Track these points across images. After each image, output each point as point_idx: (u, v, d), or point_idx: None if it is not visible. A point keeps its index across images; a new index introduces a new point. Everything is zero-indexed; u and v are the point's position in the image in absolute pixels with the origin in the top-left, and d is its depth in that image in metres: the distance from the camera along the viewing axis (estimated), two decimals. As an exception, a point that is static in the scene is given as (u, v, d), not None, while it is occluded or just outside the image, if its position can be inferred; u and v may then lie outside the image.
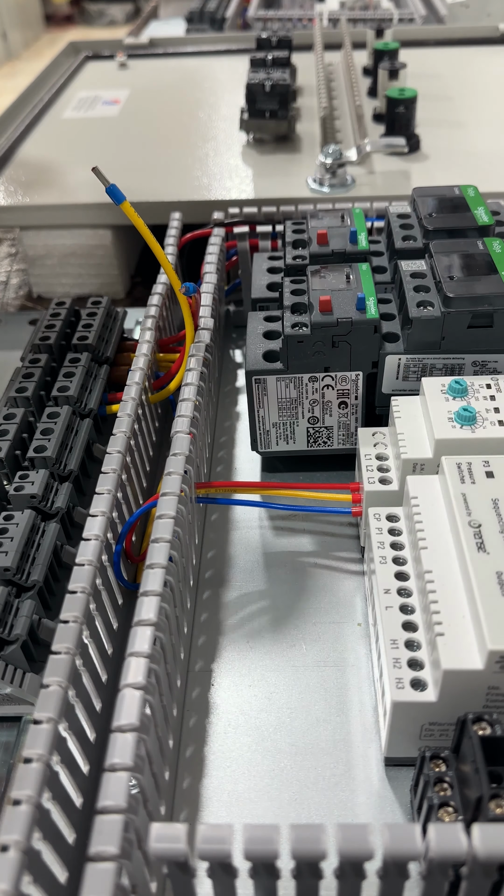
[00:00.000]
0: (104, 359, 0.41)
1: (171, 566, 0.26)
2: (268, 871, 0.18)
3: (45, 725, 0.21)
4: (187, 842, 0.18)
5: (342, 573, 0.35)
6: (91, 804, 0.24)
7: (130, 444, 0.32)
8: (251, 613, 0.33)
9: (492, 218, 0.37)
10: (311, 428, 0.37)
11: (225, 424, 0.44)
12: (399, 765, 0.28)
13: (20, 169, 0.60)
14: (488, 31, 0.83)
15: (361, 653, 0.31)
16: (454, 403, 0.32)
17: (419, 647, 0.26)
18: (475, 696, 0.24)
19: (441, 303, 0.33)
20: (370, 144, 0.57)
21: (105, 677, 0.27)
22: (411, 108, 0.58)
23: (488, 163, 0.56)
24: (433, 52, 0.80)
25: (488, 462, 0.29)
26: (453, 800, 0.22)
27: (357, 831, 0.17)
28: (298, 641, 0.32)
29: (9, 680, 0.28)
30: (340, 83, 0.73)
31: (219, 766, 0.28)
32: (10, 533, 0.31)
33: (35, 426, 0.37)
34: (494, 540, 0.26)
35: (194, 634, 0.33)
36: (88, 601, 0.25)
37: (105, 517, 0.27)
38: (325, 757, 0.28)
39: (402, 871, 0.18)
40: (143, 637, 0.23)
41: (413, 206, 0.40)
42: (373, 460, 0.33)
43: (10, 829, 0.19)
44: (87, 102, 0.71)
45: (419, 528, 0.28)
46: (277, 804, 0.27)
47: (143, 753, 0.21)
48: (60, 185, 0.57)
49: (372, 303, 0.34)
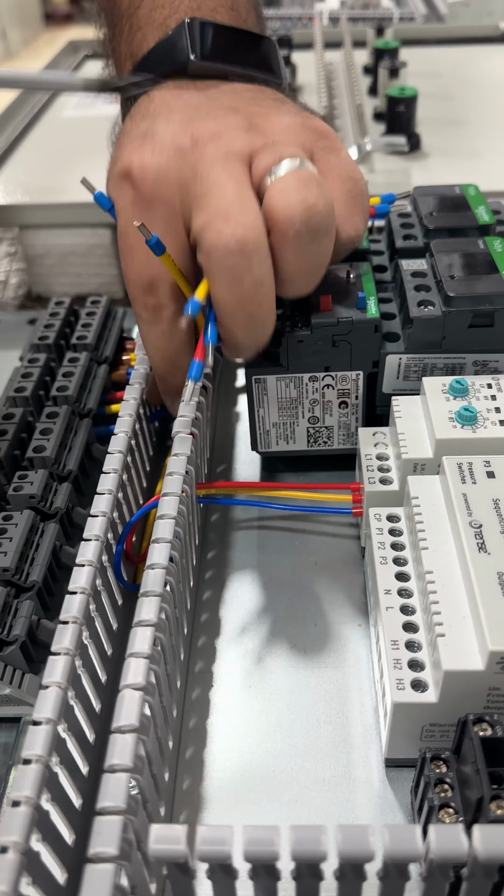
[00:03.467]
0: (103, 358, 0.41)
1: (171, 567, 0.26)
2: (268, 872, 0.18)
3: (44, 726, 0.21)
4: (187, 843, 0.18)
5: (342, 574, 0.35)
6: (90, 805, 0.23)
7: (131, 444, 0.32)
8: (251, 614, 0.33)
9: (493, 217, 0.37)
10: (311, 428, 0.37)
11: (225, 424, 0.44)
12: (399, 766, 0.27)
13: (20, 168, 0.60)
14: (489, 30, 0.83)
15: (362, 653, 0.31)
16: (455, 403, 0.32)
17: (420, 647, 0.26)
18: (476, 697, 0.24)
19: (442, 302, 0.33)
20: (370, 143, 0.57)
21: (105, 678, 0.27)
22: (412, 107, 0.58)
23: (489, 162, 0.56)
24: (434, 51, 0.80)
25: (489, 462, 0.28)
26: (454, 801, 0.22)
27: (357, 832, 0.17)
28: (299, 642, 0.32)
29: (8, 681, 0.28)
30: (341, 82, 0.73)
31: (218, 768, 0.28)
32: (9, 533, 0.31)
33: (34, 426, 0.37)
34: (495, 540, 0.26)
35: (194, 635, 0.33)
36: (88, 602, 0.25)
37: (105, 517, 0.27)
38: (325, 758, 0.28)
39: (403, 873, 0.18)
40: (142, 638, 0.23)
41: (413, 205, 0.40)
42: (373, 460, 0.33)
43: (9, 830, 0.19)
44: (87, 102, 0.71)
45: (420, 528, 0.28)
46: (277, 805, 0.27)
47: (142, 754, 0.21)
48: (60, 185, 0.57)
49: (372, 302, 0.34)
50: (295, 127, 0.31)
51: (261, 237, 0.28)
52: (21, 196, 0.56)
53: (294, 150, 0.30)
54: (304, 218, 0.28)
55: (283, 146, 0.30)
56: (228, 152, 0.29)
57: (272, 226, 0.28)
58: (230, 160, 0.29)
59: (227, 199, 0.28)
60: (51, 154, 0.62)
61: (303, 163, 0.29)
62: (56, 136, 0.66)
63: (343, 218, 0.31)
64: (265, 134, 0.30)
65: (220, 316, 0.29)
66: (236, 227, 0.27)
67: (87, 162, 0.34)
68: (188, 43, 0.33)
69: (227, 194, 0.28)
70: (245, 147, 0.30)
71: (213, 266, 0.28)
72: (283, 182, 0.29)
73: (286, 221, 0.28)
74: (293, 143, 0.30)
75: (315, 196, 0.28)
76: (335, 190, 0.31)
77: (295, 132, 0.31)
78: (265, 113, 0.32)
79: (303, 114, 0.33)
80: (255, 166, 0.30)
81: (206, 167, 0.29)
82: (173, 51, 0.34)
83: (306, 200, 0.28)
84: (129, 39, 0.36)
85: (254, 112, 0.32)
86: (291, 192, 0.28)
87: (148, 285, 0.31)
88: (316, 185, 0.29)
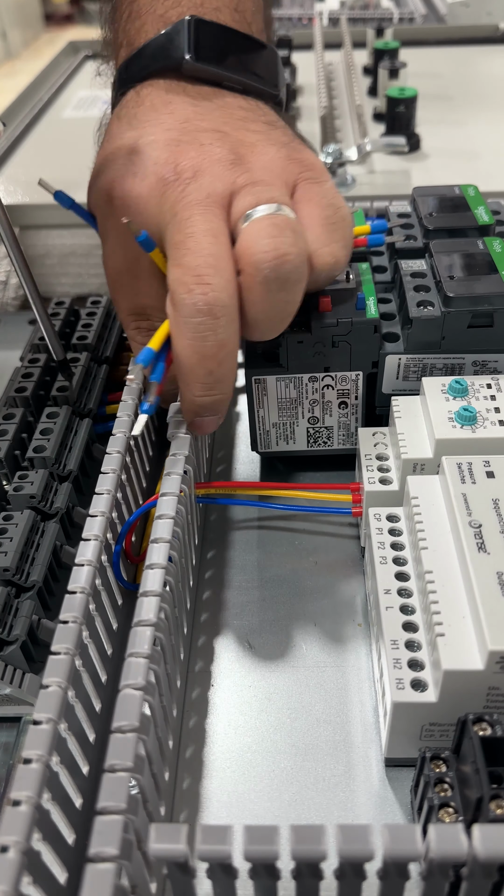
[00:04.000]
0: (104, 358, 0.41)
1: (170, 566, 0.26)
2: (268, 871, 0.18)
3: (44, 726, 0.21)
4: (187, 842, 0.18)
5: (342, 573, 0.35)
6: (91, 805, 0.23)
7: (130, 445, 0.32)
8: (251, 614, 0.33)
9: (492, 217, 0.37)
10: (311, 428, 0.37)
11: (225, 424, 0.44)
12: (399, 765, 0.27)
13: (20, 168, 0.60)
14: (488, 31, 0.83)
15: (362, 653, 0.31)
16: (454, 403, 0.32)
17: (419, 647, 0.26)
18: (475, 696, 0.24)
19: (441, 302, 0.33)
20: (370, 144, 0.57)
21: (105, 678, 0.27)
22: (411, 108, 0.58)
23: (488, 162, 0.56)
24: (433, 52, 0.80)
25: (489, 462, 0.29)
26: (454, 800, 0.22)
27: (357, 832, 0.17)
28: (298, 642, 0.32)
29: (8, 680, 0.28)
30: (340, 82, 0.73)
31: (219, 767, 0.28)
32: (10, 533, 0.31)
33: (34, 426, 0.37)
34: (495, 540, 0.26)
35: (194, 635, 0.33)
36: (88, 601, 0.25)
37: (104, 517, 0.27)
38: (325, 757, 0.28)
39: (403, 872, 0.18)
40: (142, 637, 0.23)
41: (413, 205, 0.40)
42: (373, 460, 0.33)
43: (10, 829, 0.19)
44: (87, 102, 0.71)
45: (419, 528, 0.28)
46: (277, 805, 0.27)
47: (142, 754, 0.21)
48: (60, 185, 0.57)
49: (372, 302, 0.34)
50: (279, 160, 0.31)
51: (231, 300, 0.28)
52: (21, 196, 0.56)
53: (273, 193, 0.29)
54: (273, 266, 0.28)
55: (263, 188, 0.29)
56: (210, 195, 0.29)
57: (241, 268, 0.28)
58: (210, 206, 0.29)
59: (201, 256, 0.28)
60: (51, 154, 0.62)
61: (279, 208, 0.29)
62: (56, 136, 0.65)
63: (318, 244, 0.30)
64: (249, 170, 0.30)
65: (179, 370, 0.29)
66: (206, 289, 0.27)
67: (87, 162, 0.34)
68: (186, 41, 0.33)
69: (202, 251, 0.28)
70: (226, 188, 0.29)
71: (180, 320, 0.28)
72: (257, 226, 0.28)
73: (255, 266, 0.28)
74: (275, 182, 0.30)
75: (288, 245, 0.28)
76: (312, 216, 0.30)
77: (279, 165, 0.31)
78: (252, 142, 0.31)
79: (291, 144, 0.32)
80: (233, 208, 0.29)
81: (186, 212, 0.29)
82: (170, 47, 0.33)
83: (278, 249, 0.28)
84: (126, 27, 0.36)
85: (240, 140, 0.31)
86: (263, 238, 0.28)
87: (140, 311, 0.31)
88: (291, 233, 0.28)
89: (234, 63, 0.34)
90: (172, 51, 0.33)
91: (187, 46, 0.33)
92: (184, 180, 0.29)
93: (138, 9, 0.35)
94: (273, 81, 0.35)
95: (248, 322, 0.29)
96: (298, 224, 0.29)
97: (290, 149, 0.32)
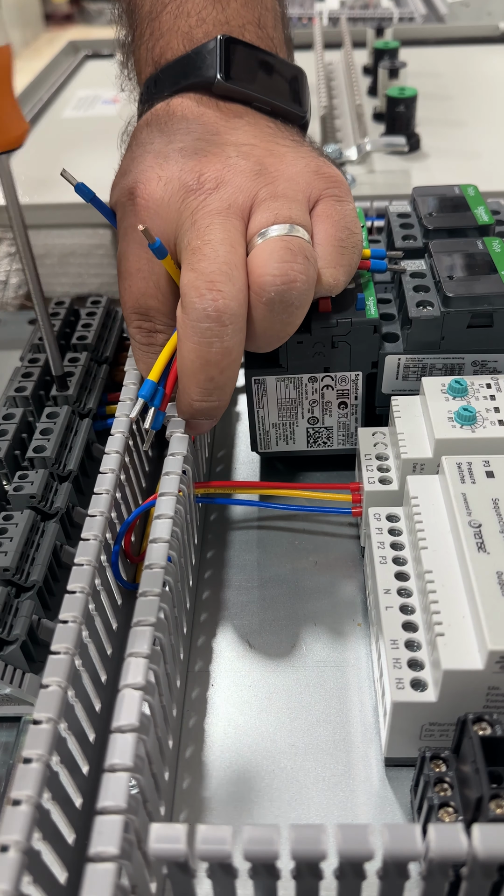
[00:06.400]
0: (104, 358, 0.41)
1: (170, 566, 0.26)
2: (268, 871, 0.18)
3: (44, 726, 0.21)
4: (187, 842, 0.18)
5: (342, 573, 0.35)
6: (91, 804, 0.24)
7: (129, 445, 0.32)
8: (251, 613, 0.33)
9: (492, 217, 0.37)
10: (310, 428, 0.37)
11: (225, 424, 0.44)
12: (399, 765, 0.28)
13: (19, 168, 0.60)
14: (488, 30, 0.83)
15: (361, 653, 0.31)
16: (454, 403, 0.32)
17: (419, 647, 0.26)
18: (475, 696, 0.24)
19: (441, 302, 0.33)
20: (370, 143, 0.57)
21: (105, 678, 0.27)
22: (411, 108, 0.58)
23: (488, 162, 0.56)
24: (433, 51, 0.80)
25: (488, 462, 0.29)
26: (453, 800, 0.22)
27: (357, 832, 0.17)
28: (298, 641, 0.32)
29: (8, 680, 0.28)
30: (340, 82, 0.73)
31: (218, 767, 0.28)
32: (10, 533, 0.31)
33: (34, 426, 0.37)
34: (494, 540, 0.26)
35: (194, 635, 0.33)
36: (88, 601, 0.25)
37: (104, 517, 0.27)
38: (324, 757, 0.28)
39: (402, 872, 0.18)
40: (142, 637, 0.23)
41: (413, 205, 0.40)
42: (373, 460, 0.33)
43: (10, 829, 0.19)
44: (87, 102, 0.71)
45: (419, 528, 0.28)
46: (277, 804, 0.27)
47: (142, 754, 0.21)
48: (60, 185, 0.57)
49: (372, 303, 0.34)
50: (307, 174, 0.31)
51: (240, 309, 0.28)
52: (21, 196, 0.56)
53: (292, 212, 0.29)
54: (280, 291, 0.28)
55: (283, 203, 0.29)
56: (231, 206, 0.29)
57: (250, 283, 0.29)
58: (230, 217, 0.29)
59: (216, 263, 0.28)
60: (51, 154, 0.62)
61: (293, 228, 0.29)
62: (56, 136, 0.65)
63: (324, 264, 0.30)
64: (272, 181, 0.30)
65: (180, 372, 0.29)
66: (218, 296, 0.27)
67: (87, 162, 0.34)
68: (217, 61, 0.33)
69: (218, 258, 0.28)
70: (247, 200, 0.30)
71: (188, 323, 0.28)
72: (269, 247, 0.28)
73: (261, 287, 0.28)
74: (297, 196, 0.30)
75: (297, 271, 0.28)
76: (327, 234, 0.30)
77: (305, 179, 0.31)
78: (281, 153, 0.31)
79: (320, 159, 0.32)
80: (251, 222, 0.30)
81: (206, 220, 0.29)
82: (202, 66, 0.33)
83: (287, 275, 0.28)
84: (150, 45, 0.36)
85: (269, 150, 0.31)
86: (274, 262, 0.28)
87: (144, 312, 0.31)
88: (303, 259, 0.28)
89: (263, 83, 0.34)
90: (204, 70, 0.33)
91: (219, 66, 0.33)
92: (206, 190, 0.30)
93: (160, 27, 0.35)
94: (301, 103, 0.35)
95: (246, 334, 0.30)
96: (311, 248, 0.29)
97: (319, 163, 0.32)
